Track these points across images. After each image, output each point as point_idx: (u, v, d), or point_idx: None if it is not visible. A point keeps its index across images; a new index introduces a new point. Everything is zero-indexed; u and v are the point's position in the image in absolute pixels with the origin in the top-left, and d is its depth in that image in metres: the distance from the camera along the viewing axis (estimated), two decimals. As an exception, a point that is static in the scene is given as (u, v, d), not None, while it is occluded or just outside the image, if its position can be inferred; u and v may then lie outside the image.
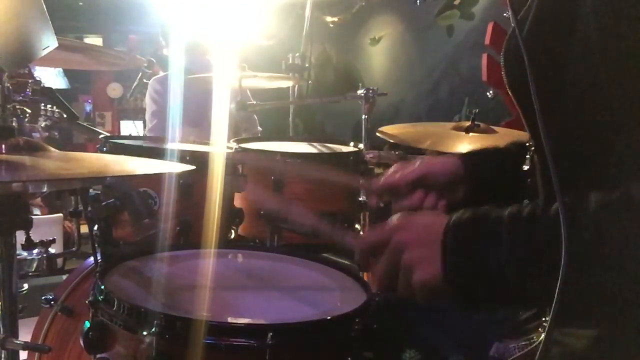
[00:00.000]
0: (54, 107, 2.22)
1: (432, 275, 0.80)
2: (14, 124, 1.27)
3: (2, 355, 1.22)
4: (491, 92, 3.58)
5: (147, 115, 3.38)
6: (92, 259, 1.54)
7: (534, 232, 0.75)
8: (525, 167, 1.09)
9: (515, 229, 0.76)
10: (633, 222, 0.69)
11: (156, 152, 1.80)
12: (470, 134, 2.21)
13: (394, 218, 0.88)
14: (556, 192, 0.72)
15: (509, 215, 0.78)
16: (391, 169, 1.22)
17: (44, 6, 1.20)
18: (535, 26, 0.84)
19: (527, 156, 1.09)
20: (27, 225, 1.28)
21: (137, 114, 7.13)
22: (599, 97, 0.78)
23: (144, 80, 3.45)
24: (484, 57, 3.39)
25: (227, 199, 1.72)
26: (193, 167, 1.34)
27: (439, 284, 0.80)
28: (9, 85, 1.25)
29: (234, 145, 1.93)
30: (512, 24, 0.86)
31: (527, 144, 1.09)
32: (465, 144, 2.16)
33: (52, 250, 1.55)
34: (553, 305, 0.71)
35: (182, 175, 1.60)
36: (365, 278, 1.57)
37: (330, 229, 1.06)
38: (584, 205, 0.72)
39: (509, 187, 1.13)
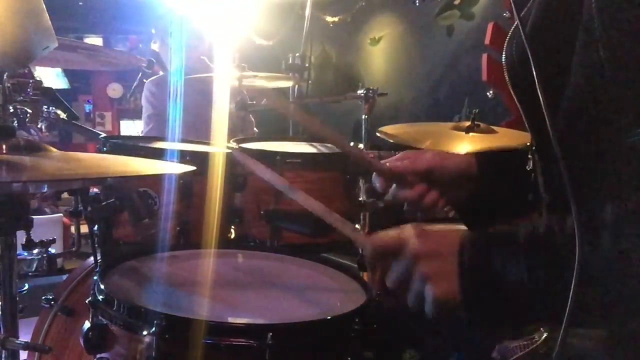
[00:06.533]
0: (54, 107, 2.22)
1: (448, 291, 0.79)
2: (14, 124, 1.26)
3: (2, 355, 1.22)
4: (491, 92, 3.57)
5: (144, 118, 3.38)
6: (92, 259, 1.54)
7: (552, 250, 0.74)
8: (528, 167, 1.08)
9: (532, 249, 0.75)
10: None
11: (156, 152, 1.80)
12: (470, 134, 2.20)
13: (409, 226, 0.87)
14: (571, 205, 0.71)
15: (525, 234, 0.77)
16: (400, 154, 1.19)
17: (44, 6, 1.20)
18: (539, 22, 0.84)
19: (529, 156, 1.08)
20: (27, 225, 1.28)
21: (137, 114, 7.14)
22: (603, 94, 0.77)
23: (144, 80, 3.45)
24: (484, 57, 3.38)
25: (227, 199, 1.72)
26: (193, 168, 1.34)
27: (455, 300, 0.79)
28: (9, 85, 1.25)
29: (234, 145, 1.93)
30: (515, 21, 0.85)
31: (529, 144, 1.09)
32: (465, 144, 2.15)
33: (52, 250, 1.55)
34: (567, 308, 0.70)
35: (182, 176, 1.60)
36: (365, 278, 1.57)
37: (341, 223, 1.03)
38: (601, 217, 0.72)
39: (515, 186, 1.12)
